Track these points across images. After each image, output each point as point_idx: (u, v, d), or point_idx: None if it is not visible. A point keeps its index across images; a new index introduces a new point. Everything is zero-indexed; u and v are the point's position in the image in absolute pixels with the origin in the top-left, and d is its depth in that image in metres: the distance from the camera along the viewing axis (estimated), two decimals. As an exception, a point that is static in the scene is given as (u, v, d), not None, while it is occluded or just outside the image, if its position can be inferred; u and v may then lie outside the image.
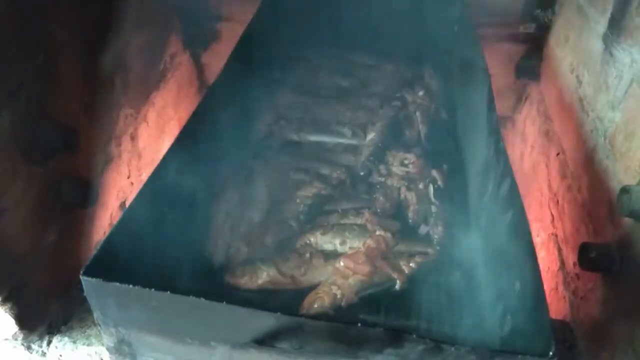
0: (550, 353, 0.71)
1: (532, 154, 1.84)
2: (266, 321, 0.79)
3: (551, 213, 1.58)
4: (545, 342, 0.73)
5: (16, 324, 1.20)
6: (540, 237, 1.65)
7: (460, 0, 1.82)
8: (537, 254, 1.60)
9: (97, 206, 1.45)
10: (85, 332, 1.29)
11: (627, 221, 1.08)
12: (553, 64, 1.76)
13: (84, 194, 1.34)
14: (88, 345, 1.26)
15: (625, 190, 1.04)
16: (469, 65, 1.53)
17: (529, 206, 1.78)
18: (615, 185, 1.16)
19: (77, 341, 1.27)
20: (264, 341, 0.82)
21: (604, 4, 1.40)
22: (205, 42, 2.08)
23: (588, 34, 1.49)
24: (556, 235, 1.52)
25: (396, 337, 0.74)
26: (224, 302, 0.77)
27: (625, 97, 1.21)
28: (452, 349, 0.72)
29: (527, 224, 0.93)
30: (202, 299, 0.77)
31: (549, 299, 1.46)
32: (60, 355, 1.25)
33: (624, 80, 1.23)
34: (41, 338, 1.26)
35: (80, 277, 0.80)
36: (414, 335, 0.73)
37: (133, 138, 1.69)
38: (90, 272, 0.81)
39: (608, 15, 1.36)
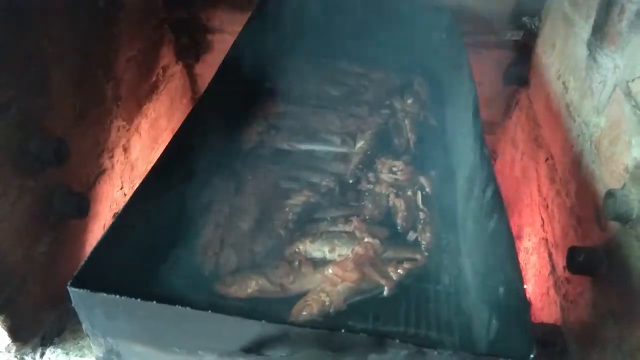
0: (531, 356, 0.72)
1: (522, 160, 1.86)
2: (252, 329, 0.80)
3: (541, 218, 1.59)
4: (526, 345, 0.73)
5: (9, 335, 1.20)
6: (531, 241, 1.66)
7: (448, 9, 1.84)
8: (529, 258, 1.62)
9: (89, 218, 1.45)
10: (78, 343, 1.30)
11: (614, 224, 1.09)
12: (540, 70, 1.78)
13: (76, 205, 1.35)
14: (81, 357, 1.27)
15: (610, 194, 1.05)
16: (455, 73, 1.55)
17: (520, 211, 1.79)
18: (602, 189, 1.17)
19: (70, 353, 1.28)
20: (251, 349, 0.83)
21: (587, 10, 1.42)
22: (197, 53, 2.10)
23: (573, 40, 1.51)
24: (546, 240, 1.52)
25: (379, 342, 0.75)
26: (210, 311, 0.77)
27: (609, 102, 1.23)
28: (435, 353, 0.73)
29: (510, 228, 0.94)
30: (188, 308, 0.78)
31: (540, 303, 1.48)
32: (54, 367, 1.26)
33: (607, 86, 1.25)
34: (34, 350, 1.26)
35: (68, 288, 0.81)
36: (397, 341, 0.74)
37: (125, 150, 1.70)
38: (77, 283, 0.82)
39: (592, 21, 1.38)
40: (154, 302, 0.78)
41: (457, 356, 0.74)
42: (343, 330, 0.76)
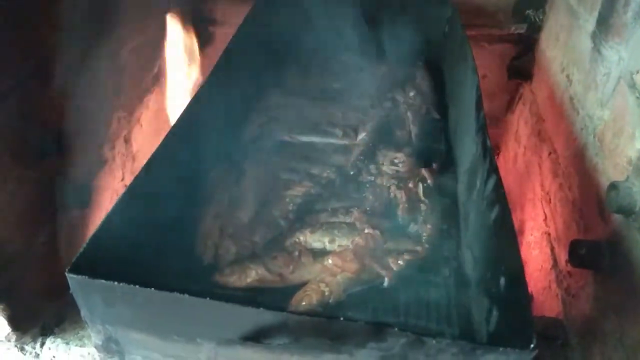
0: (531, 346, 0.71)
1: (525, 154, 1.85)
2: (250, 317, 0.79)
3: (544, 212, 1.58)
4: (526, 335, 0.73)
5: (9, 325, 1.20)
6: (533, 235, 1.65)
7: (451, 2, 1.83)
8: (531, 252, 1.61)
9: (90, 208, 1.45)
10: (79, 333, 1.30)
11: (617, 217, 1.08)
12: (544, 63, 1.77)
13: (76, 196, 1.35)
14: (81, 346, 1.27)
15: (613, 186, 1.04)
16: (458, 66, 1.54)
17: (522, 206, 1.79)
18: (605, 182, 1.16)
19: (70, 342, 1.27)
20: (250, 337, 0.82)
21: (592, 2, 1.40)
22: (199, 45, 2.09)
23: (577, 32, 1.50)
24: (549, 234, 1.52)
25: (378, 330, 0.74)
26: (207, 298, 0.77)
27: (613, 95, 1.22)
28: (433, 341, 0.73)
29: (511, 219, 0.93)
30: (186, 295, 0.77)
31: (542, 297, 1.47)
32: (54, 357, 1.25)
33: (611, 78, 1.24)
34: (34, 339, 1.26)
35: (66, 274, 0.81)
36: (395, 329, 0.73)
37: (127, 141, 1.70)
38: (76, 270, 0.81)
39: (596, 13, 1.36)
40: (152, 288, 0.78)
41: (455, 345, 0.73)
42: (342, 318, 0.75)
